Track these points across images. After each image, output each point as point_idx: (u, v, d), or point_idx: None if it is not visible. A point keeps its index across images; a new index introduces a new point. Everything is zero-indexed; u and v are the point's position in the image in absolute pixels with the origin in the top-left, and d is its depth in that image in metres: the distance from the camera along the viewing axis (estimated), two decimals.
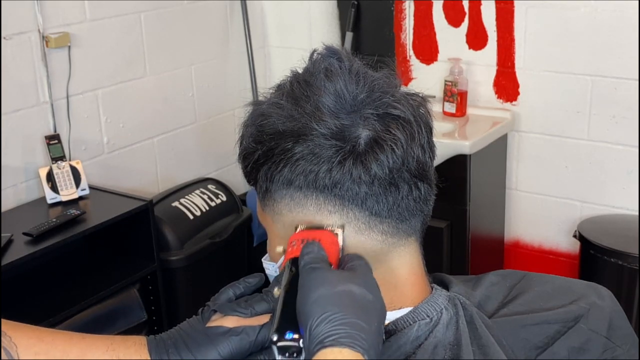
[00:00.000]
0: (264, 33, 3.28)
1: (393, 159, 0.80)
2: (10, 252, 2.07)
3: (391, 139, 0.80)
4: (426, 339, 0.84)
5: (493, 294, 0.96)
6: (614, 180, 2.66)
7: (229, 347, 0.81)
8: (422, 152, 0.84)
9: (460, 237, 2.64)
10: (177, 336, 0.83)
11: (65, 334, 0.83)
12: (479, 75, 2.83)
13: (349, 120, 0.81)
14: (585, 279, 2.75)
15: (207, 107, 3.05)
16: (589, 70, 2.61)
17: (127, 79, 2.71)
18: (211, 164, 3.07)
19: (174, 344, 0.82)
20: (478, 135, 2.63)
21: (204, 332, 0.82)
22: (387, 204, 0.82)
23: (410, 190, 0.83)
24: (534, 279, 0.99)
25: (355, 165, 0.80)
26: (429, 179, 0.86)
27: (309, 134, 0.80)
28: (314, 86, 0.82)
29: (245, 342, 0.81)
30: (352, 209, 0.82)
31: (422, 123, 0.84)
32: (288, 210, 0.84)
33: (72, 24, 2.48)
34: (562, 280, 1.01)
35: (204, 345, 0.81)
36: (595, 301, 0.95)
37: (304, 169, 0.80)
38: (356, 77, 0.82)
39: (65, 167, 2.39)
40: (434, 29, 2.88)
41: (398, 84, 0.86)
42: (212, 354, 0.80)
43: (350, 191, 0.81)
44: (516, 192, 2.88)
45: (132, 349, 0.82)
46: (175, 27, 2.87)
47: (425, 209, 0.87)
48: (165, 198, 2.66)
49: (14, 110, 2.36)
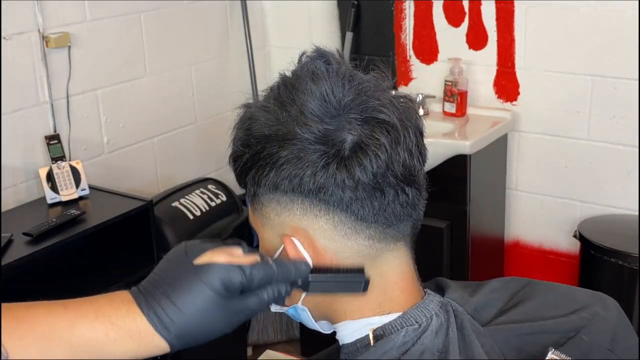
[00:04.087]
0: (264, 33, 3.28)
1: (377, 164, 0.79)
2: (10, 252, 2.07)
3: (374, 144, 0.79)
4: (413, 345, 0.83)
5: (492, 301, 0.94)
6: (614, 180, 2.66)
7: (219, 283, 0.75)
8: (410, 157, 0.82)
9: (460, 237, 2.64)
10: (161, 281, 0.77)
11: (46, 307, 0.76)
12: (479, 75, 2.83)
13: (333, 124, 0.80)
14: (585, 279, 2.75)
15: (207, 107, 3.05)
16: (589, 70, 2.61)
17: (127, 79, 2.71)
18: (211, 164, 3.08)
19: (163, 292, 0.75)
20: (478, 135, 2.63)
21: (193, 271, 0.76)
22: (373, 209, 0.81)
23: (396, 195, 0.82)
24: (537, 287, 0.96)
25: (339, 170, 0.79)
26: (418, 183, 0.85)
27: (293, 139, 0.80)
28: (299, 90, 0.81)
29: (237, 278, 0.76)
30: (337, 214, 0.81)
31: (410, 127, 0.83)
32: (275, 214, 0.84)
33: (72, 24, 2.48)
34: (566, 288, 0.99)
35: (195, 285, 0.75)
36: (599, 312, 0.92)
37: (289, 174, 0.80)
38: (343, 80, 0.82)
39: (65, 167, 2.39)
40: (434, 29, 2.88)
41: (388, 86, 0.85)
42: (206, 293, 0.75)
43: (335, 196, 0.80)
44: (516, 192, 2.88)
45: (123, 309, 0.75)
46: (175, 27, 2.87)
47: (413, 214, 0.86)
48: (165, 198, 2.66)
49: (14, 110, 2.36)
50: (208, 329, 0.76)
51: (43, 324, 0.74)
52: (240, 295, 0.77)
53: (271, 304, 0.80)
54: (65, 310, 0.76)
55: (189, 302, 0.75)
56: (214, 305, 0.75)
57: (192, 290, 0.75)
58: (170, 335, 0.75)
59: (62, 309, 0.76)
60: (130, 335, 0.74)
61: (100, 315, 0.75)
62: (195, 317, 0.75)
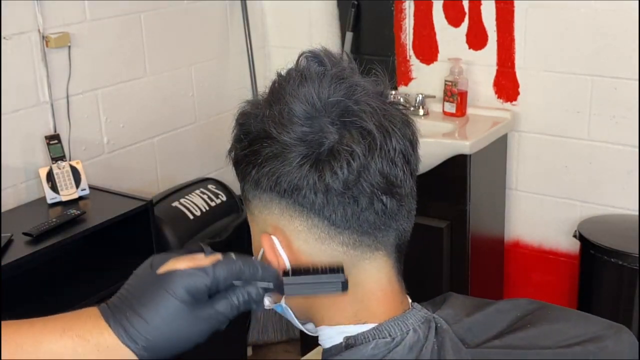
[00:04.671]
0: (264, 33, 3.28)
1: (348, 170, 0.78)
2: (10, 252, 2.07)
3: (346, 151, 0.78)
4: (382, 358, 0.81)
5: (494, 322, 0.89)
6: (614, 180, 2.66)
7: (182, 289, 0.74)
8: (391, 166, 0.80)
9: (460, 237, 2.64)
10: (128, 295, 0.76)
11: (13, 325, 0.76)
12: (479, 75, 2.83)
13: (313, 126, 0.79)
14: (585, 279, 2.75)
15: (207, 107, 3.05)
16: (589, 70, 2.61)
17: (127, 79, 2.71)
18: (211, 164, 3.08)
19: (129, 305, 0.75)
20: (478, 135, 2.63)
21: (157, 281, 0.76)
22: (345, 215, 0.80)
23: (370, 203, 0.80)
24: (548, 312, 0.91)
25: (312, 173, 0.79)
26: (399, 194, 0.82)
27: (275, 138, 0.80)
28: (286, 90, 0.81)
29: (201, 281, 0.75)
30: (311, 217, 0.81)
31: (395, 135, 0.80)
32: (259, 211, 0.85)
33: (72, 24, 2.48)
34: (580, 316, 0.92)
35: (158, 294, 0.75)
36: (608, 346, 0.86)
37: (268, 172, 0.81)
38: (331, 83, 0.81)
39: (65, 167, 2.39)
40: (434, 29, 2.88)
41: (381, 91, 0.83)
42: (169, 302, 0.74)
43: (308, 198, 0.80)
44: (516, 192, 2.88)
45: (89, 324, 0.75)
46: (175, 27, 2.87)
47: (394, 224, 0.83)
48: (165, 198, 2.66)
49: (14, 110, 2.36)
50: (178, 339, 0.75)
51: (11, 343, 0.74)
52: (208, 300, 0.76)
53: (242, 307, 0.78)
54: (31, 328, 0.76)
55: (154, 313, 0.74)
56: (180, 313, 0.75)
57: (156, 300, 0.75)
58: (138, 347, 0.74)
59: (28, 327, 0.76)
60: (98, 350, 0.74)
61: (68, 330, 0.75)
62: (161, 328, 0.74)
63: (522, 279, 2.97)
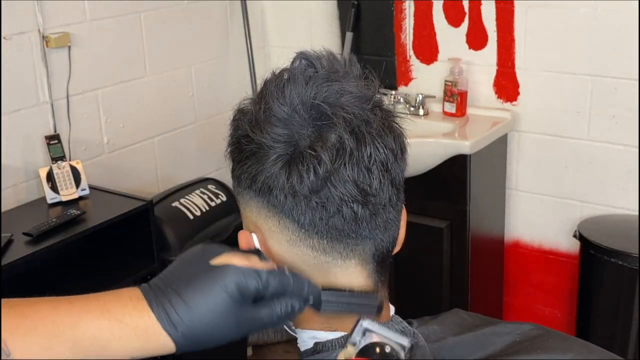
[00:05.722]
0: (264, 33, 3.28)
1: (314, 176, 0.77)
2: (10, 252, 2.07)
3: (314, 156, 0.77)
4: None
5: (482, 344, 0.87)
6: (614, 180, 2.66)
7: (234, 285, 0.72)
8: (365, 174, 0.78)
9: (460, 237, 2.64)
10: (174, 279, 0.74)
11: (50, 303, 0.74)
12: (479, 75, 2.83)
13: (290, 128, 0.79)
14: (585, 279, 2.75)
15: (207, 107, 3.06)
16: (589, 70, 2.61)
17: (127, 79, 2.72)
18: (211, 164, 3.08)
19: (175, 289, 0.73)
20: (478, 135, 2.63)
21: (209, 271, 0.74)
22: (313, 220, 0.79)
23: (338, 210, 0.79)
24: (549, 342, 0.87)
25: (282, 174, 0.78)
26: (372, 203, 0.80)
27: (254, 137, 0.80)
28: (271, 91, 0.81)
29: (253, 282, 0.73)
30: (282, 218, 0.81)
31: (374, 143, 0.79)
32: (242, 208, 0.86)
33: (72, 24, 2.48)
34: (581, 346, 0.88)
35: (208, 284, 0.72)
36: None
37: (247, 169, 0.81)
38: (315, 86, 0.79)
39: (65, 167, 2.39)
40: (434, 29, 2.88)
41: (369, 96, 0.81)
42: (219, 294, 0.72)
43: (278, 199, 0.80)
44: (516, 192, 2.88)
45: (130, 305, 0.73)
46: (175, 27, 2.87)
47: (366, 234, 0.81)
48: (165, 198, 2.66)
49: (14, 110, 2.36)
50: (216, 333, 0.73)
51: (47, 321, 0.72)
52: (252, 304, 0.74)
53: (282, 320, 0.76)
54: (70, 307, 0.73)
55: (201, 302, 0.72)
56: (226, 308, 0.73)
57: (206, 289, 0.72)
58: (177, 333, 0.72)
59: (67, 305, 0.74)
60: (135, 333, 0.72)
61: (106, 312, 0.72)
62: (205, 318, 0.72)
63: (522, 279, 2.97)
